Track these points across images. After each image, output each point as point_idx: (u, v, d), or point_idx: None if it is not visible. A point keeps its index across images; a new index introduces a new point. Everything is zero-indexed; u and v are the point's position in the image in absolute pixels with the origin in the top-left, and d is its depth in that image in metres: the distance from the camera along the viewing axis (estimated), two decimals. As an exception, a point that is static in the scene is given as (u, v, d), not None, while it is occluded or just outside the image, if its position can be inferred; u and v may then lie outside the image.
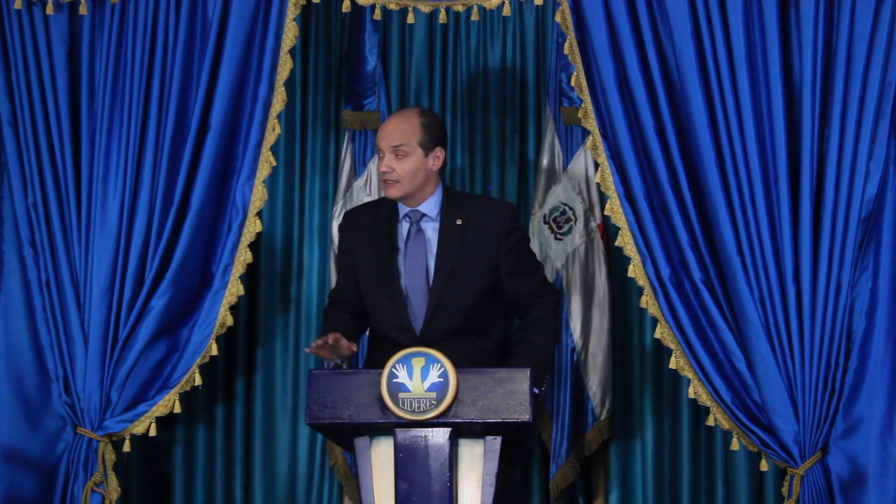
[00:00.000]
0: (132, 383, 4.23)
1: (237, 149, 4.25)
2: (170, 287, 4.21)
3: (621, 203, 4.11)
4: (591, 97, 4.13)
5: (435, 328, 3.83)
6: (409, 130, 3.86)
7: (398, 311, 3.86)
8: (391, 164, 3.84)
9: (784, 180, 4.01)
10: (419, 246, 3.89)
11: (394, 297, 3.86)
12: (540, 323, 3.90)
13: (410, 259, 3.89)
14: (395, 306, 3.86)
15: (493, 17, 5.14)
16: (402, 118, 3.93)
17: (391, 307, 3.87)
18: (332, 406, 3.41)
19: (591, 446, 4.83)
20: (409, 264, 3.88)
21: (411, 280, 3.87)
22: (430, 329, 3.83)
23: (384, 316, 3.89)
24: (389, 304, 3.87)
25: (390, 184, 3.86)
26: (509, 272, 3.89)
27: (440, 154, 3.89)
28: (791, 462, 4.02)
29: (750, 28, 4.03)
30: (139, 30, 4.26)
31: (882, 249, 4.00)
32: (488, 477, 3.39)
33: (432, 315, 3.84)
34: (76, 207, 4.29)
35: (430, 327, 3.84)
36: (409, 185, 3.86)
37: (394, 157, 3.85)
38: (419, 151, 3.86)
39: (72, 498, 4.25)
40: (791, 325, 4.00)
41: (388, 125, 3.93)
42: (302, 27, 4.88)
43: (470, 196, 4.33)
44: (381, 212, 3.97)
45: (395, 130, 3.87)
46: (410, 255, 3.89)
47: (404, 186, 3.86)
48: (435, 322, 3.83)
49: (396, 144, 3.84)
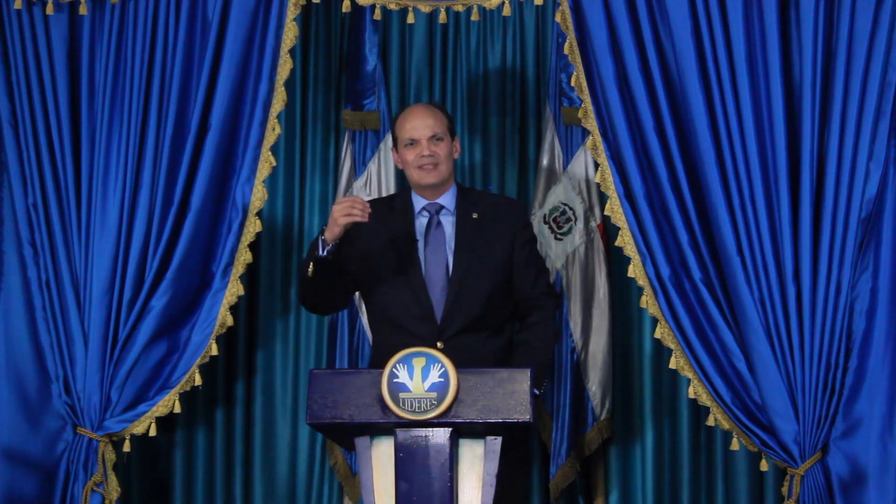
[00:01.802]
0: (132, 383, 4.23)
1: (237, 149, 4.25)
2: (170, 287, 4.21)
3: (621, 203, 4.11)
4: (591, 97, 4.14)
5: (454, 320, 3.86)
6: (439, 119, 3.96)
7: (420, 303, 3.88)
8: (433, 148, 3.92)
9: (784, 180, 4.01)
10: (439, 239, 3.94)
11: (415, 288, 3.89)
12: (540, 326, 3.95)
13: (431, 251, 3.93)
14: (416, 297, 3.89)
15: (493, 17, 5.14)
16: (425, 109, 4.01)
17: (413, 299, 3.89)
18: (333, 406, 3.41)
19: (591, 446, 4.83)
20: (430, 256, 3.92)
21: (431, 272, 3.91)
22: (450, 320, 3.86)
23: (403, 308, 3.90)
24: (410, 295, 3.89)
25: (429, 168, 3.93)
26: (520, 267, 3.95)
27: (457, 145, 4.02)
28: (791, 462, 4.02)
29: (750, 28, 4.03)
30: (139, 30, 4.26)
31: (882, 249, 4.00)
32: (489, 477, 3.39)
33: (452, 306, 3.87)
34: (76, 207, 4.29)
35: (449, 318, 3.86)
36: (446, 169, 3.96)
37: (433, 143, 3.92)
38: (448, 138, 3.97)
39: (72, 498, 4.25)
40: (791, 325, 4.00)
41: (416, 116, 3.97)
42: (302, 27, 4.88)
43: (480, 192, 4.40)
44: (395, 205, 4.02)
45: (427, 119, 3.94)
46: (431, 247, 3.93)
47: (441, 171, 3.94)
48: (454, 313, 3.86)
49: (435, 132, 3.93)
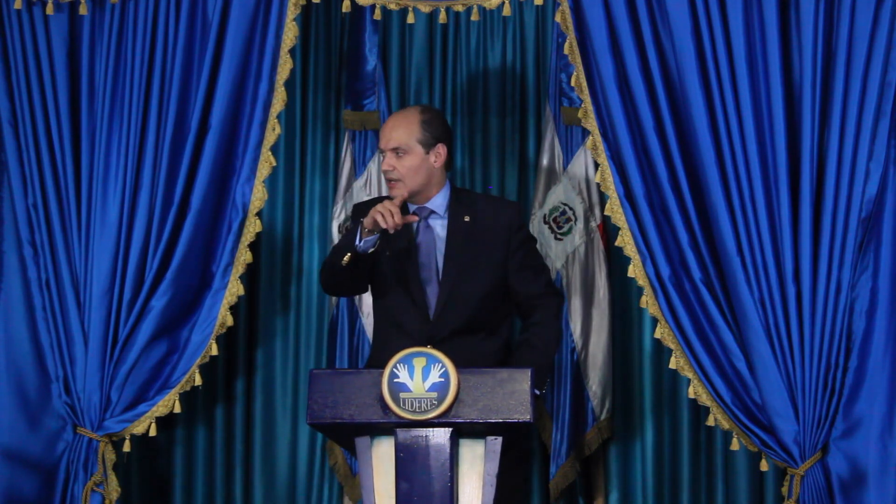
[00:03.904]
0: (132, 383, 4.22)
1: (237, 149, 4.25)
2: (170, 287, 4.21)
3: (621, 203, 4.10)
4: (591, 97, 4.13)
5: (445, 323, 3.84)
6: (408, 130, 3.88)
7: (416, 305, 3.87)
8: (392, 163, 3.87)
9: (784, 180, 4.01)
10: (428, 242, 3.92)
11: (408, 291, 3.87)
12: (542, 325, 3.92)
13: (421, 255, 3.91)
14: (409, 300, 3.87)
15: (493, 17, 5.14)
16: (401, 118, 3.94)
17: (406, 301, 3.88)
18: (333, 406, 3.40)
19: (591, 446, 4.83)
20: (421, 260, 3.90)
21: (422, 275, 3.88)
22: (441, 324, 3.84)
23: (396, 310, 3.90)
24: (404, 297, 3.88)
25: (393, 184, 3.89)
26: (516, 270, 3.92)
27: (442, 151, 3.91)
28: (791, 462, 4.02)
29: (750, 28, 4.03)
30: (139, 30, 4.26)
31: (882, 249, 4.00)
32: (489, 477, 3.39)
33: (443, 310, 3.85)
34: (76, 207, 4.29)
35: (440, 322, 3.85)
36: (411, 182, 3.88)
37: (394, 156, 3.87)
38: (419, 149, 3.88)
39: (72, 498, 4.25)
40: (791, 325, 3.99)
41: (387, 125, 3.95)
42: (302, 27, 4.88)
43: (476, 194, 4.34)
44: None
45: (393, 131, 3.89)
46: (421, 251, 3.91)
47: (406, 184, 3.88)
48: (445, 317, 3.85)
49: (394, 147, 3.87)
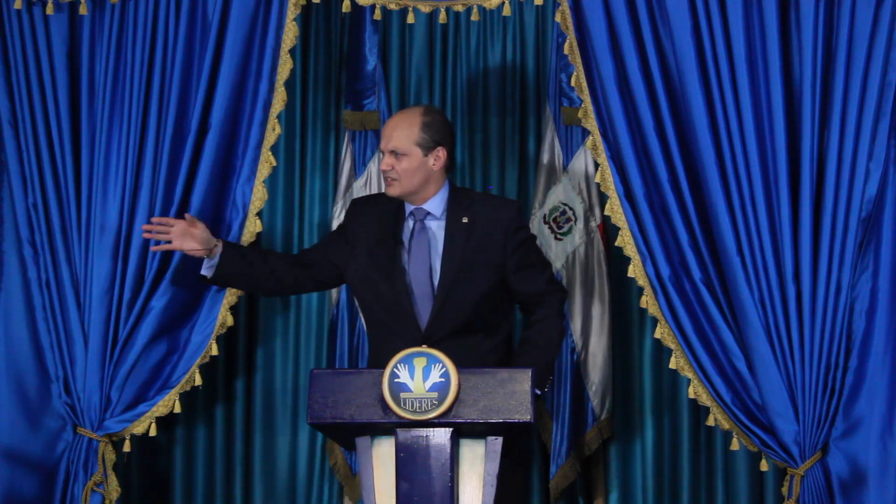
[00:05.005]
0: (132, 383, 4.22)
1: (237, 149, 4.25)
2: (170, 287, 4.21)
3: (621, 203, 4.11)
4: (591, 97, 4.13)
5: (440, 326, 3.82)
6: (407, 133, 3.87)
7: (403, 308, 3.85)
8: (390, 163, 3.87)
9: (784, 180, 4.01)
10: (423, 244, 3.90)
11: (398, 293, 3.86)
12: (544, 323, 3.90)
13: (414, 256, 3.89)
14: (399, 303, 3.86)
15: (493, 17, 5.13)
16: (402, 119, 3.93)
17: (396, 303, 3.86)
18: (334, 406, 3.40)
19: (591, 446, 4.82)
20: (413, 262, 3.88)
21: (415, 277, 3.87)
22: (435, 327, 3.83)
23: (387, 311, 3.88)
24: (394, 300, 3.86)
25: (389, 182, 3.90)
26: (515, 270, 3.90)
27: (441, 154, 3.90)
28: (791, 462, 4.03)
29: (750, 28, 4.03)
30: (139, 30, 4.26)
31: (882, 249, 4.00)
32: (489, 477, 3.39)
33: (438, 313, 3.83)
34: (76, 207, 4.29)
35: (435, 325, 3.83)
36: (408, 184, 3.88)
37: (393, 157, 3.88)
38: (417, 152, 3.87)
39: (72, 498, 4.25)
40: (791, 325, 4.00)
41: (388, 126, 3.95)
42: (302, 27, 4.87)
43: (476, 194, 4.28)
44: (391, 206, 3.98)
45: (394, 132, 3.89)
46: (414, 253, 3.89)
47: (403, 185, 3.88)
48: (440, 320, 3.83)
49: (392, 148, 3.87)
